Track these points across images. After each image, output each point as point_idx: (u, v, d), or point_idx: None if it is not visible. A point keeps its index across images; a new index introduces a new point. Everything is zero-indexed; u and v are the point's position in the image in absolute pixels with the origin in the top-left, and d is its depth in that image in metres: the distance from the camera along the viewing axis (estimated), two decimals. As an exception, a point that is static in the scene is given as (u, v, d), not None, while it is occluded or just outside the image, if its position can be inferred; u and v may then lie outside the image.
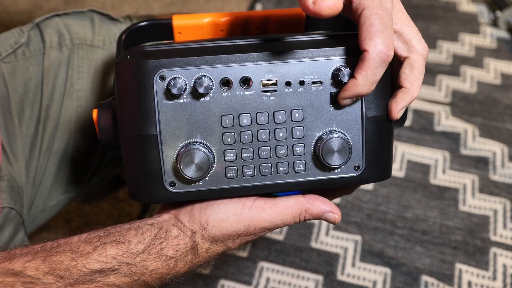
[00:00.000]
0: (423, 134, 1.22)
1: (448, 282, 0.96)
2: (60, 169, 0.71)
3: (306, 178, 0.49)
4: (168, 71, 0.46)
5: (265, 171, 0.48)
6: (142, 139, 0.47)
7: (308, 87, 0.47)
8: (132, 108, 0.47)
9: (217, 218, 0.49)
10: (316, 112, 0.48)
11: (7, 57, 0.66)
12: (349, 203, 1.09)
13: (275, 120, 0.47)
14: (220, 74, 0.46)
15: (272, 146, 0.48)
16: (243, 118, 0.47)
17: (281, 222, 0.50)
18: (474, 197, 1.10)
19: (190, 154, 0.46)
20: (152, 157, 0.47)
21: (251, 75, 0.47)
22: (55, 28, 0.70)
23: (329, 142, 0.47)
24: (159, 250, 0.48)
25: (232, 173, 0.48)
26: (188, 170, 0.46)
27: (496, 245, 1.02)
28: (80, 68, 0.70)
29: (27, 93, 0.67)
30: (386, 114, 0.49)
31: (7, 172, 0.65)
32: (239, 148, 0.48)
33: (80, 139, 0.71)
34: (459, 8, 1.58)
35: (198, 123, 0.47)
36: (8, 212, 0.63)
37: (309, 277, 0.98)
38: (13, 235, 0.64)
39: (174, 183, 0.48)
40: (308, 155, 0.48)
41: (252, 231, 0.50)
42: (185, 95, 0.46)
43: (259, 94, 0.47)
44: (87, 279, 0.44)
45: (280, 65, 0.47)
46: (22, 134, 0.67)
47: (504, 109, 1.28)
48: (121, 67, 0.47)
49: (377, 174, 0.50)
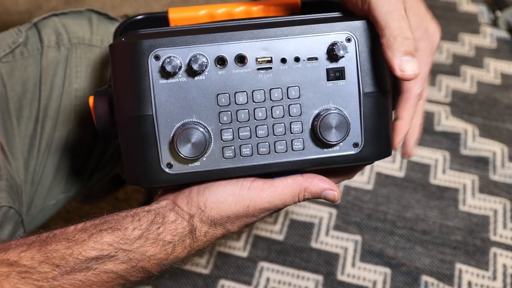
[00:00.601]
0: (423, 134, 1.22)
1: (448, 282, 0.96)
2: (59, 168, 0.71)
3: (304, 156, 0.49)
4: (163, 51, 0.46)
5: (263, 150, 0.48)
6: (138, 119, 0.46)
7: (304, 63, 0.47)
8: (127, 89, 0.46)
9: (215, 200, 0.49)
10: (313, 88, 0.48)
11: (5, 56, 0.67)
12: (349, 203, 1.09)
13: (271, 98, 0.47)
14: (214, 53, 0.46)
15: (269, 125, 0.48)
16: (239, 97, 0.47)
17: (281, 202, 0.50)
18: (474, 197, 1.10)
19: (187, 133, 0.46)
20: (149, 138, 0.47)
21: (245, 52, 0.47)
22: (53, 27, 0.70)
23: (326, 118, 0.47)
24: (156, 236, 0.47)
25: (230, 153, 0.48)
26: (184, 149, 0.46)
27: (496, 245, 1.02)
28: (78, 67, 0.70)
29: (25, 92, 0.67)
30: (382, 89, 0.48)
31: (6, 171, 0.65)
32: (236, 127, 0.47)
33: (79, 138, 0.71)
34: (459, 8, 1.58)
35: (194, 103, 0.47)
36: (7, 211, 0.63)
37: (309, 277, 0.98)
38: (12, 234, 0.64)
39: (171, 164, 0.48)
40: (306, 133, 0.48)
41: (251, 212, 0.49)
42: (180, 74, 0.46)
43: (254, 72, 0.47)
44: (83, 267, 0.44)
45: (274, 42, 0.47)
46: (20, 133, 0.67)
47: (504, 109, 1.28)
48: (116, 49, 0.47)
49: (377, 152, 0.49)
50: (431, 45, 0.49)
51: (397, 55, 0.45)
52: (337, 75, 0.48)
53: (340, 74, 0.48)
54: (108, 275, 0.46)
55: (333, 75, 0.48)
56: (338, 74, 0.48)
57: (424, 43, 0.49)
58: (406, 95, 0.49)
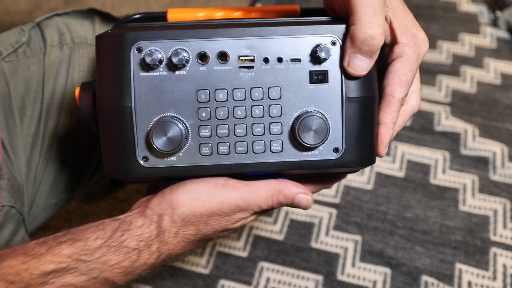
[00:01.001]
0: (423, 134, 1.22)
1: (448, 282, 0.96)
2: (60, 168, 0.71)
3: (282, 159, 0.48)
4: (146, 43, 0.46)
5: (240, 149, 0.47)
6: (118, 111, 0.46)
7: (287, 64, 0.47)
8: (109, 80, 0.46)
9: (188, 197, 0.48)
10: (294, 90, 0.47)
11: (8, 56, 0.67)
12: (349, 203, 1.09)
13: (251, 97, 0.47)
14: (197, 48, 0.46)
15: (248, 124, 0.47)
16: (219, 94, 0.47)
17: (255, 203, 0.49)
18: (474, 197, 1.10)
19: (163, 126, 0.45)
20: (126, 130, 0.46)
21: (228, 50, 0.46)
22: (55, 27, 0.70)
23: (306, 120, 0.46)
24: (119, 243, 0.46)
25: (207, 150, 0.47)
26: (159, 142, 0.45)
27: (496, 245, 1.02)
28: (81, 67, 0.70)
29: (28, 92, 0.68)
30: (368, 95, 0.48)
31: (8, 171, 0.65)
32: (214, 124, 0.47)
33: (81, 138, 0.72)
34: (459, 8, 1.58)
35: (174, 97, 0.46)
36: (9, 211, 0.63)
37: (309, 277, 0.98)
38: (13, 234, 0.64)
39: (147, 157, 0.47)
40: (285, 134, 0.48)
41: (225, 210, 0.48)
42: (161, 68, 0.46)
43: (236, 70, 0.47)
44: (39, 282, 0.43)
45: (258, 41, 0.47)
46: (23, 132, 0.68)
47: (504, 109, 1.28)
48: (101, 39, 0.47)
49: (358, 159, 0.49)
50: (419, 52, 0.49)
51: (354, 49, 0.45)
52: (320, 78, 0.47)
53: (323, 77, 0.47)
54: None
55: (316, 77, 0.47)
56: (321, 77, 0.47)
57: (410, 49, 0.48)
58: (388, 99, 0.48)
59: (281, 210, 1.07)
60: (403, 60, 0.48)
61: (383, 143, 0.49)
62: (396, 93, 0.48)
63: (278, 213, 1.07)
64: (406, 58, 0.48)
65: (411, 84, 0.49)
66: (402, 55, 0.48)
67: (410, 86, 0.49)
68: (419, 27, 0.50)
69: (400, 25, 0.48)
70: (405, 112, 0.52)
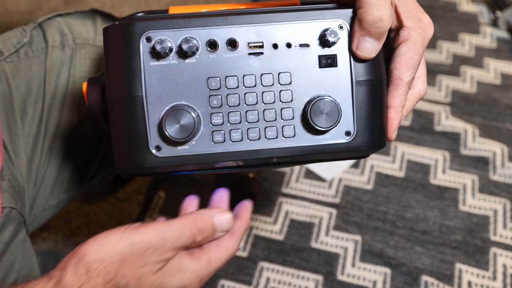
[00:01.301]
0: (423, 134, 1.22)
1: (448, 282, 0.97)
2: (62, 168, 0.71)
3: (295, 144, 0.48)
4: (154, 33, 0.46)
5: (253, 135, 0.47)
6: (128, 101, 0.46)
7: (296, 49, 0.47)
8: (118, 70, 0.46)
9: (96, 244, 0.43)
10: (304, 75, 0.47)
11: (10, 56, 0.67)
12: (349, 203, 1.09)
13: (262, 83, 0.47)
14: (206, 36, 0.46)
15: (260, 110, 0.47)
16: (230, 81, 0.47)
17: (171, 236, 0.45)
18: (474, 197, 1.10)
19: (176, 114, 0.45)
20: (138, 120, 0.46)
21: (237, 37, 0.47)
22: (57, 28, 0.70)
23: (317, 103, 0.46)
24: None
25: (219, 137, 0.47)
26: (172, 130, 0.45)
27: (496, 245, 1.02)
28: (82, 67, 0.70)
29: (29, 92, 0.68)
30: (376, 78, 0.48)
31: (9, 172, 0.65)
32: (226, 111, 0.47)
33: (82, 138, 0.72)
34: (459, 8, 1.58)
35: (185, 86, 0.46)
36: (9, 212, 0.63)
37: (309, 277, 0.98)
38: (14, 235, 0.64)
39: (159, 147, 0.47)
40: (297, 119, 0.48)
41: (137, 250, 0.43)
42: (171, 56, 0.46)
43: (245, 57, 0.47)
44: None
45: (266, 28, 0.47)
46: (24, 133, 0.67)
47: (504, 109, 1.28)
48: (109, 31, 0.47)
49: (370, 142, 0.49)
50: (424, 36, 0.50)
51: (362, 32, 0.46)
52: (329, 62, 0.48)
53: (332, 61, 0.48)
54: None
55: (325, 62, 0.48)
56: (330, 61, 0.48)
57: (416, 33, 0.49)
58: (396, 82, 0.49)
59: (281, 210, 1.07)
60: (409, 43, 0.49)
61: (393, 127, 0.49)
62: (404, 76, 0.48)
63: (278, 213, 1.07)
64: (412, 42, 0.49)
65: (418, 68, 0.49)
66: (408, 38, 0.49)
67: (416, 69, 0.49)
68: (424, 11, 0.51)
69: (405, 9, 0.49)
70: (412, 96, 0.52)
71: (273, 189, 1.11)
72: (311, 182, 1.12)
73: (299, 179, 1.13)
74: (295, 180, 1.13)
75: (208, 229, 0.47)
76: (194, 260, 0.48)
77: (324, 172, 1.14)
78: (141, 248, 0.44)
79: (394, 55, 0.50)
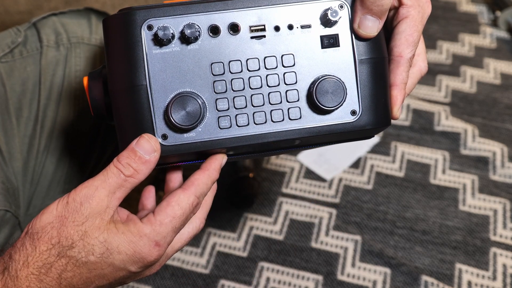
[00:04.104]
0: (423, 134, 1.22)
1: (448, 282, 0.97)
2: (58, 168, 0.71)
3: (302, 125, 0.48)
4: (155, 20, 0.46)
5: (259, 119, 0.47)
6: (132, 90, 0.46)
7: (298, 31, 0.47)
8: (121, 60, 0.46)
9: (39, 215, 0.44)
10: (307, 56, 0.47)
11: (4, 56, 0.67)
12: (349, 203, 1.09)
13: (266, 66, 0.47)
14: (207, 21, 0.46)
15: (265, 93, 0.47)
16: (233, 65, 0.47)
17: (98, 181, 0.44)
18: (474, 197, 1.10)
19: (181, 101, 0.45)
20: (143, 109, 0.46)
21: (238, 21, 0.47)
22: (52, 27, 0.70)
23: (322, 83, 0.46)
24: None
25: (226, 123, 0.47)
26: (178, 117, 0.45)
27: (496, 245, 1.02)
28: (77, 66, 0.70)
29: (25, 92, 0.67)
30: (378, 56, 0.49)
31: (3, 174, 0.64)
32: (231, 96, 0.47)
33: (78, 138, 0.71)
34: (459, 8, 1.58)
35: (188, 72, 0.46)
36: (4, 215, 0.63)
37: (309, 277, 0.98)
38: (8, 237, 0.64)
39: (166, 135, 0.47)
40: (303, 101, 0.48)
41: (73, 207, 0.43)
42: (173, 43, 0.46)
43: (248, 40, 0.47)
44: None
45: (267, 10, 0.47)
46: (20, 133, 0.67)
47: (504, 109, 1.28)
48: (110, 21, 0.47)
49: (376, 120, 0.49)
50: (423, 13, 0.50)
51: (364, 11, 0.46)
52: (331, 42, 0.48)
53: (334, 41, 0.48)
54: None
55: (327, 42, 0.48)
56: (332, 41, 0.48)
57: (415, 10, 0.49)
58: (397, 60, 0.49)
59: (281, 210, 1.07)
60: (409, 21, 0.49)
61: (397, 104, 0.50)
62: (404, 53, 0.49)
63: (278, 213, 1.07)
64: (411, 19, 0.49)
65: (418, 45, 0.50)
66: (407, 16, 0.49)
67: (416, 46, 0.50)
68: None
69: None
70: (413, 74, 0.52)
71: (273, 189, 1.11)
72: (311, 182, 1.12)
73: (299, 179, 1.13)
74: (295, 180, 1.13)
75: (131, 156, 0.45)
76: (143, 222, 0.45)
77: (324, 172, 1.14)
78: (76, 203, 0.44)
79: (393, 33, 0.50)
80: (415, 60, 0.52)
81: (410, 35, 0.49)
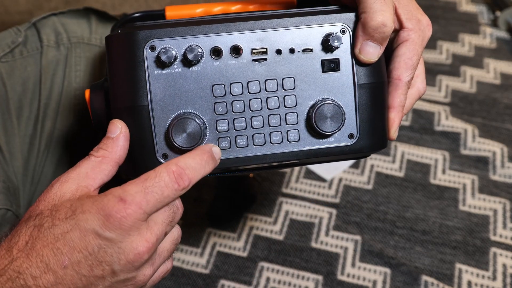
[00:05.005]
0: (423, 134, 1.22)
1: (448, 282, 0.97)
2: (58, 168, 0.71)
3: (300, 148, 0.49)
4: (158, 41, 0.46)
5: (258, 141, 0.48)
6: (134, 110, 0.47)
7: (299, 54, 0.48)
8: (123, 80, 0.47)
9: None
10: (308, 80, 0.48)
11: (5, 56, 0.67)
12: (349, 203, 1.09)
13: (266, 89, 0.48)
14: (210, 44, 0.47)
15: (265, 116, 0.48)
16: (234, 87, 0.47)
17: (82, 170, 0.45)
18: (474, 197, 1.10)
19: (182, 123, 0.46)
20: (144, 129, 0.47)
21: (241, 43, 0.47)
22: (52, 27, 0.70)
23: (321, 108, 0.47)
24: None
25: (225, 144, 0.48)
26: (179, 139, 0.46)
27: (496, 245, 1.02)
28: (77, 66, 0.70)
29: (25, 92, 0.68)
30: (378, 81, 0.49)
31: (3, 173, 0.64)
32: (231, 118, 0.48)
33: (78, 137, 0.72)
34: (459, 8, 1.58)
35: (190, 93, 0.47)
36: (4, 214, 0.63)
37: (309, 277, 0.98)
38: None
39: (166, 155, 0.47)
40: (302, 124, 0.48)
41: None
42: (175, 65, 0.47)
43: (249, 63, 0.47)
44: None
45: (269, 34, 0.47)
46: (20, 133, 0.67)
47: (504, 109, 1.28)
48: (112, 40, 0.47)
49: (373, 143, 0.50)
50: (423, 36, 0.50)
51: (365, 37, 0.47)
52: (332, 66, 0.48)
53: (335, 65, 0.48)
54: None
55: (328, 66, 0.48)
56: (333, 66, 0.48)
57: (415, 34, 0.50)
58: (395, 82, 0.49)
59: (281, 210, 1.07)
60: (409, 44, 0.49)
61: (394, 127, 0.50)
62: (403, 76, 0.49)
63: (278, 213, 1.07)
64: (411, 43, 0.49)
65: (417, 68, 0.50)
66: (407, 39, 0.49)
67: (415, 69, 0.50)
68: (423, 12, 0.52)
69: (405, 11, 0.50)
70: (412, 95, 0.53)
71: (273, 189, 1.11)
72: (311, 182, 1.12)
73: (299, 179, 1.13)
74: (295, 180, 1.13)
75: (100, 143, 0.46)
76: (129, 185, 0.43)
77: (324, 172, 1.14)
78: (53, 188, 0.45)
79: (393, 56, 0.50)
80: (414, 81, 0.53)
81: (409, 58, 0.49)
